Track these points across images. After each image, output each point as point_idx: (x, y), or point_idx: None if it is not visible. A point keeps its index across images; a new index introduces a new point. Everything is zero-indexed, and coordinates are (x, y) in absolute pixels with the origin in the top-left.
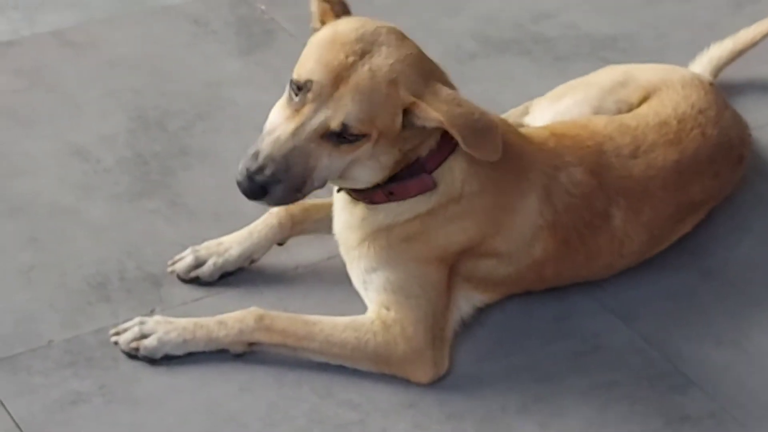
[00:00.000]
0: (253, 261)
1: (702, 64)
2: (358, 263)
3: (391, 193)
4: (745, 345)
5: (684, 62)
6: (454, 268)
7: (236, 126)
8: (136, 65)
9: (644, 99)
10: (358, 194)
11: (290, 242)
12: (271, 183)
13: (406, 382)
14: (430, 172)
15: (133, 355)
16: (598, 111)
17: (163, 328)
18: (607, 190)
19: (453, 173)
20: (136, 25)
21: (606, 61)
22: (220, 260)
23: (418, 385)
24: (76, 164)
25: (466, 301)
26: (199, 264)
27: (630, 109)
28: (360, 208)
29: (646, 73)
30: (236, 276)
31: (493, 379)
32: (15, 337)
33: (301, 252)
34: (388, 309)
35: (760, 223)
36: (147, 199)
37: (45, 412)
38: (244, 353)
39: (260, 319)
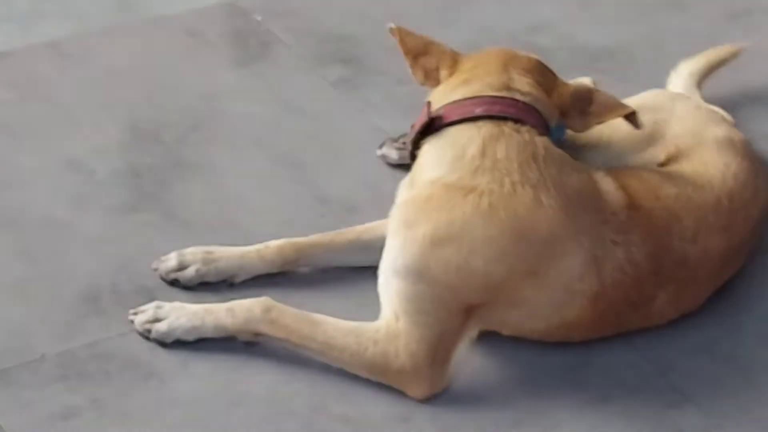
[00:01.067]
0: (232, 282)
1: (682, 82)
2: (388, 252)
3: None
4: (739, 358)
5: None
6: (482, 311)
7: (231, 138)
8: (131, 77)
9: (673, 157)
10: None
11: None
12: None
13: (399, 395)
14: (444, 125)
15: (146, 336)
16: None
17: (175, 313)
18: (660, 276)
19: (464, 143)
20: (131, 37)
21: (602, 73)
22: (204, 269)
23: (412, 399)
24: (69, 176)
25: (480, 329)
26: (182, 267)
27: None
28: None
29: (674, 126)
30: (251, 284)
31: (487, 394)
32: (7, 351)
33: None
34: (398, 318)
35: None
36: (141, 211)
37: (37, 427)
38: (253, 342)
39: (267, 310)
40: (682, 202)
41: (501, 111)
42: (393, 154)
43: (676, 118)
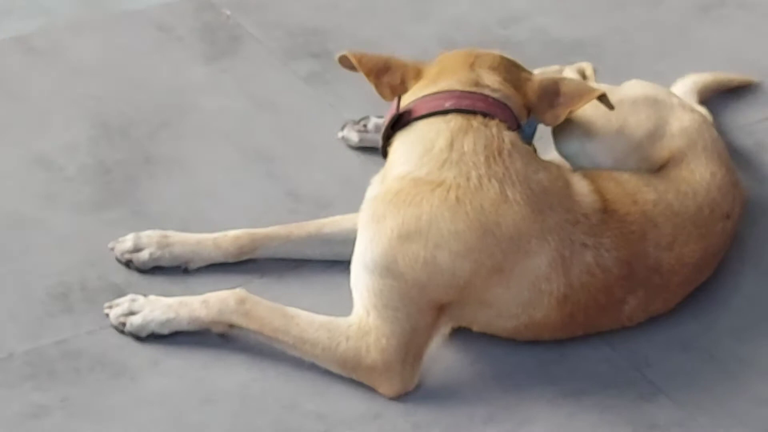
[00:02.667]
0: (187, 268)
1: (683, 87)
2: (358, 247)
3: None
4: (713, 351)
5: (650, 66)
6: (450, 308)
7: (201, 133)
8: (100, 72)
9: (668, 159)
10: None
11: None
12: None
13: (372, 392)
14: (413, 119)
15: (120, 330)
16: (620, 164)
17: (150, 306)
18: (631, 281)
19: (433, 137)
20: (100, 32)
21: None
22: (158, 253)
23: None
24: (37, 173)
25: (450, 327)
26: (137, 249)
27: (651, 165)
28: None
29: (673, 125)
30: (219, 278)
31: (460, 389)
32: None
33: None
34: (368, 313)
35: None
36: (110, 208)
37: (6, 426)
38: (226, 334)
39: (242, 302)
40: (660, 209)
41: (470, 105)
42: (354, 137)
43: (674, 117)
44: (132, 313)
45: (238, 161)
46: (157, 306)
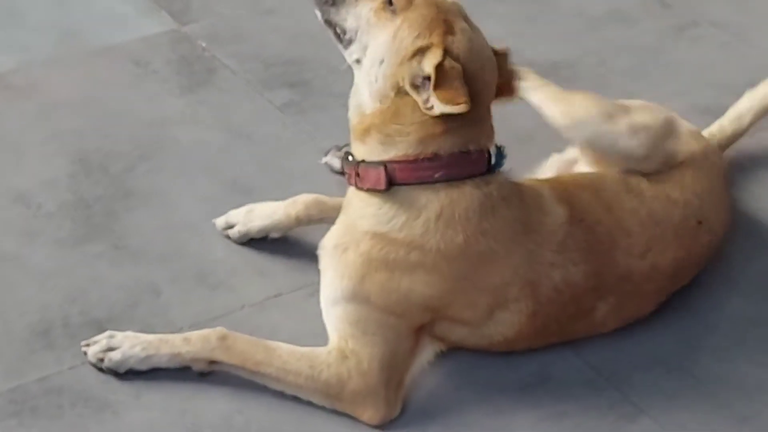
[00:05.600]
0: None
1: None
2: (325, 282)
3: (357, 174)
4: (694, 370)
5: (625, 86)
6: (427, 326)
7: (180, 165)
8: (77, 107)
9: (680, 162)
10: (347, 166)
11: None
12: None
13: (355, 422)
14: (397, 183)
15: (99, 367)
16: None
17: (129, 342)
18: (601, 290)
19: (420, 206)
20: (77, 67)
21: None
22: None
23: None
24: (17, 210)
25: (432, 350)
26: (111, 349)
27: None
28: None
29: (685, 131)
30: (199, 311)
31: (443, 414)
32: None
33: (277, 281)
34: (347, 341)
35: None
36: (90, 243)
37: None
38: (207, 372)
39: (223, 338)
40: (638, 217)
41: (459, 174)
42: (336, 163)
43: (685, 126)
44: (110, 349)
45: (216, 192)
46: (136, 342)
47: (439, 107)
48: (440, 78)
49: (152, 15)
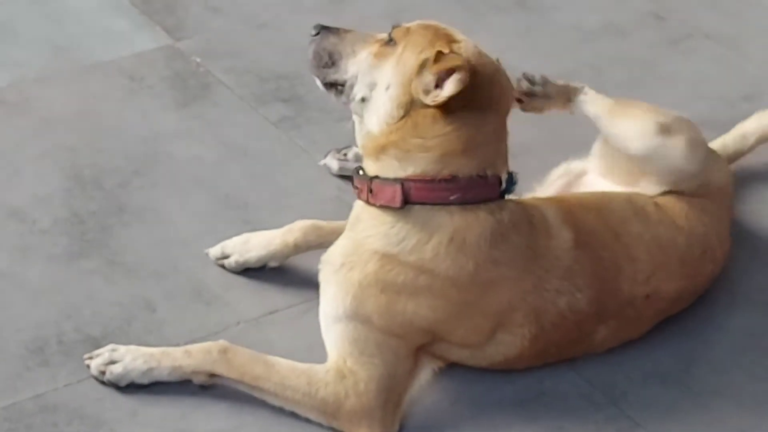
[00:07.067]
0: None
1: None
2: (326, 297)
3: (371, 191)
4: (690, 383)
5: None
6: (427, 345)
7: (174, 181)
8: (72, 123)
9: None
10: (359, 181)
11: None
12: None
13: None
14: (412, 202)
15: (101, 379)
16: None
17: (131, 355)
18: (603, 315)
19: (433, 228)
20: (71, 83)
21: None
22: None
23: None
24: (11, 226)
25: (430, 368)
26: (113, 362)
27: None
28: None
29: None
30: (195, 327)
31: (439, 428)
32: None
33: (273, 297)
34: (345, 360)
35: None
36: (85, 259)
37: None
38: (207, 385)
39: (224, 351)
40: (644, 242)
41: (475, 197)
42: (334, 165)
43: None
44: (112, 362)
45: (211, 208)
46: (138, 355)
47: (445, 90)
48: (439, 58)
49: (146, 30)
